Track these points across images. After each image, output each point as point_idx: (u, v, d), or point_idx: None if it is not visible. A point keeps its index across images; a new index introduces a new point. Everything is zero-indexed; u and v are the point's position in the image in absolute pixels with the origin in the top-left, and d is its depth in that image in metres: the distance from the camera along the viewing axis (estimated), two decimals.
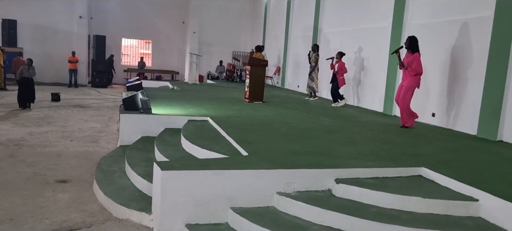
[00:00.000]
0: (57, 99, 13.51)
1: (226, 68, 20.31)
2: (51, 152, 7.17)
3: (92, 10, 20.33)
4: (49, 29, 19.29)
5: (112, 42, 20.63)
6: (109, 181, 5.27)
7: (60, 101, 13.44)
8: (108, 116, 11.40)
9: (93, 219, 4.44)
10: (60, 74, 19.10)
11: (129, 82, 11.46)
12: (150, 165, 5.33)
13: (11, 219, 4.27)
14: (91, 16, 20.31)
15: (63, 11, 19.30)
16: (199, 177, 4.01)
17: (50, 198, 4.95)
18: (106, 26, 20.63)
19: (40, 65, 19.13)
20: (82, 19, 19.60)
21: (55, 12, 19.22)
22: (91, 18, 20.32)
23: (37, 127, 9.17)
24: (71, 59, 18.61)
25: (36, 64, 18.93)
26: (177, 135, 6.53)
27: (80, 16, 19.52)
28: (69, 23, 19.48)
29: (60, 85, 18.41)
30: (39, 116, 10.68)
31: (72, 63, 18.61)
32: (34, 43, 19.01)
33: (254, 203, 4.13)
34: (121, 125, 7.21)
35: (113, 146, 7.83)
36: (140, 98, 7.34)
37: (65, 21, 19.42)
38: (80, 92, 17.03)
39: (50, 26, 19.28)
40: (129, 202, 4.61)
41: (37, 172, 5.95)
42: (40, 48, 19.08)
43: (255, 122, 7.33)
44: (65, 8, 19.28)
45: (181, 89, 12.96)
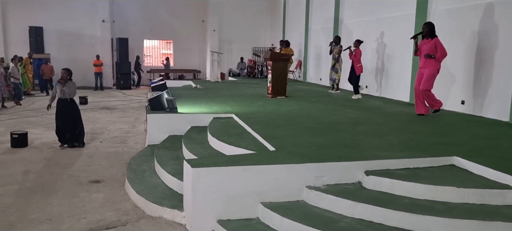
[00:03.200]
0: (85, 102, 13.85)
1: (247, 64, 20.36)
2: (83, 153, 7.36)
3: (114, 13, 20.68)
4: (74, 34, 19.74)
5: (135, 44, 20.94)
6: (140, 180, 5.38)
7: (88, 104, 13.77)
8: (134, 117, 11.61)
9: (127, 217, 4.55)
10: (86, 77, 19.52)
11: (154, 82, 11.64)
12: (179, 163, 5.43)
13: (50, 220, 4.43)
14: (113, 19, 20.66)
15: (87, 16, 19.72)
16: (229, 173, 4.06)
17: (85, 198, 5.10)
18: (128, 29, 20.96)
19: None
20: (105, 23, 19.98)
21: (79, 17, 19.65)
22: (113, 21, 20.67)
23: None
24: (96, 62, 19.01)
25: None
26: (203, 133, 6.61)
27: (103, 20, 19.89)
28: (93, 28, 19.89)
29: (86, 88, 18.84)
30: None
31: (97, 66, 19.02)
32: (60, 48, 19.49)
33: (284, 197, 4.15)
34: (148, 125, 7.34)
35: (141, 145, 7.98)
36: (166, 98, 7.45)
37: (88, 26, 19.84)
38: (106, 94, 17.39)
39: (74, 31, 19.73)
40: (161, 199, 4.70)
41: (71, 173, 6.13)
42: (66, 53, 19.54)
43: (280, 117, 7.35)
44: (88, 13, 19.68)
45: (204, 87, 13.08)
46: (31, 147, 7.77)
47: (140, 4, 21.12)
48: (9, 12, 19.05)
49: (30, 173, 6.14)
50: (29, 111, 12.23)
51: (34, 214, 4.56)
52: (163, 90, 8.98)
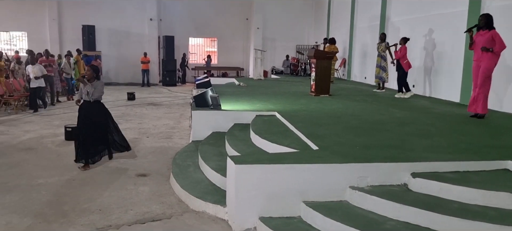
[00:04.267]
0: (132, 98, 14.35)
1: (290, 62, 20.29)
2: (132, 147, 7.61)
3: (161, 12, 21.25)
4: (123, 32, 20.51)
5: (180, 42, 21.44)
6: (185, 175, 5.51)
7: (135, 100, 14.25)
8: (179, 113, 11.89)
9: (172, 210, 4.68)
10: (134, 74, 20.24)
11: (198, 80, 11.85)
12: (222, 160, 5.51)
13: (100, 210, 4.63)
14: (160, 18, 21.24)
15: (135, 14, 20.41)
16: (272, 171, 4.07)
17: (133, 191, 5.29)
18: (174, 27, 21.48)
19: (116, 67, 20.55)
20: (152, 21, 20.59)
21: (128, 16, 20.39)
22: (160, 20, 21.26)
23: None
24: (143, 60, 19.65)
25: (113, 67, 20.62)
26: (246, 130, 6.66)
27: (150, 18, 20.51)
28: (141, 26, 20.56)
29: (134, 85, 19.52)
30: (117, 114, 11.39)
31: (144, 63, 19.66)
32: (111, 46, 20.32)
33: (327, 197, 4.11)
34: (193, 121, 7.49)
35: (185, 141, 8.16)
36: (210, 95, 7.57)
37: (137, 24, 20.53)
38: (152, 91, 17.93)
39: (124, 29, 20.49)
40: (205, 195, 4.79)
41: (119, 166, 6.38)
42: (115, 51, 20.39)
43: (323, 116, 7.27)
44: (137, 12, 20.37)
45: (247, 85, 13.17)
46: None
47: (186, 3, 21.57)
48: (65, 12, 20.07)
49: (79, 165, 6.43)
50: None
51: (86, 204, 4.79)
52: (208, 87, 9.14)
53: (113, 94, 15.94)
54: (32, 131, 8.93)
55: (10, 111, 11.28)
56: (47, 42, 19.41)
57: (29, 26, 20.06)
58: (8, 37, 21.19)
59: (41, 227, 4.20)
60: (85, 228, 4.18)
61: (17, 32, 20.92)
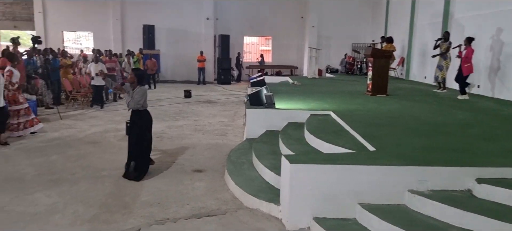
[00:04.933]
0: (189, 95, 14.76)
1: (346, 61, 19.91)
2: (187, 143, 7.86)
3: (217, 11, 21.66)
4: (181, 31, 21.15)
5: (235, 41, 21.73)
6: (239, 172, 5.58)
7: (191, 98, 14.64)
8: (233, 111, 12.06)
9: (227, 207, 4.76)
10: (190, 72, 20.81)
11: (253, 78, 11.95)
12: (276, 158, 5.52)
13: (159, 203, 4.82)
14: (216, 17, 21.65)
15: (193, 14, 20.96)
16: (327, 171, 4.02)
17: (189, 186, 5.44)
18: (230, 26, 21.80)
19: (173, 65, 21.23)
20: (209, 20, 21.05)
21: (185, 15, 20.99)
22: (216, 19, 21.67)
23: (174, 121, 10.15)
24: (200, 58, 20.14)
25: (170, 65, 21.37)
26: (300, 129, 6.63)
27: (207, 17, 20.98)
28: (198, 25, 21.10)
29: (190, 82, 20.07)
30: (175, 111, 11.80)
31: (200, 62, 20.14)
32: (169, 45, 21.04)
33: (384, 200, 4.00)
34: (247, 119, 7.57)
35: (239, 139, 8.26)
36: (265, 94, 7.61)
37: (194, 23, 21.09)
38: (207, 89, 18.33)
39: (181, 28, 21.12)
40: (258, 192, 4.83)
41: (176, 161, 6.59)
42: (173, 49, 21.09)
43: (380, 116, 7.07)
44: (194, 11, 20.91)
45: (301, 83, 13.10)
46: None
47: (242, 2, 21.82)
48: (127, 12, 21.04)
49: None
50: None
51: (145, 197, 5.00)
52: (262, 86, 9.19)
53: (170, 92, 16.50)
54: (96, 125, 9.45)
55: (77, 107, 12.00)
56: (111, 41, 20.46)
57: (94, 26, 21.24)
58: (75, 36, 22.59)
59: (105, 216, 4.43)
60: (144, 220, 4.37)
61: (83, 32, 22.24)
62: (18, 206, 4.67)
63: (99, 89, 12.07)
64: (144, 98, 5.74)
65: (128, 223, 4.29)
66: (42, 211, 4.54)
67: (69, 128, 9.10)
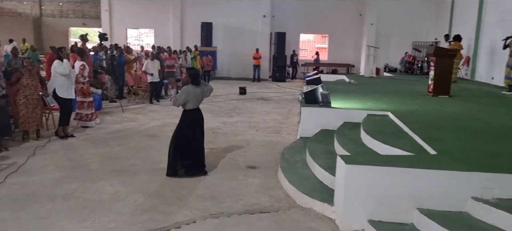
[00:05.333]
0: (243, 92, 14.93)
1: (405, 60, 19.16)
2: (241, 140, 7.96)
3: (274, 8, 21.69)
4: (237, 29, 21.43)
5: (291, 38, 21.66)
6: (293, 170, 5.57)
7: (246, 95, 14.80)
8: (287, 109, 12.04)
9: (280, 204, 4.77)
10: (246, 69, 21.03)
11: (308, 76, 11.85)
12: (330, 158, 5.45)
13: (213, 197, 4.93)
14: (273, 14, 21.70)
15: (250, 12, 21.16)
16: (384, 174, 3.91)
17: (243, 182, 5.52)
18: (286, 23, 21.76)
19: (229, 62, 21.56)
20: (265, 18, 21.15)
21: (242, 13, 21.22)
22: (273, 16, 21.71)
23: (229, 117, 10.32)
24: (255, 55, 20.29)
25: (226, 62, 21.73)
26: (356, 129, 6.48)
27: (264, 15, 21.08)
28: (254, 23, 21.26)
29: (245, 79, 20.29)
30: (230, 107, 11.99)
31: (256, 59, 20.30)
32: (226, 42, 21.39)
33: (444, 206, 3.82)
34: (301, 117, 7.53)
35: (293, 137, 8.24)
36: (321, 92, 7.52)
37: (250, 21, 21.28)
38: (262, 86, 18.44)
39: (238, 26, 21.40)
40: (312, 192, 4.79)
41: (231, 157, 6.70)
42: (230, 46, 21.42)
43: (442, 118, 6.74)
44: (251, 9, 21.09)
45: (358, 82, 12.80)
46: None
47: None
48: (187, 10, 21.65)
49: None
50: None
51: (200, 191, 5.13)
52: (318, 84, 9.09)
53: (225, 88, 16.78)
54: (155, 119, 9.82)
55: (137, 101, 12.55)
56: (170, 39, 21.16)
57: (155, 23, 22.07)
58: (137, 33, 23.62)
59: (162, 207, 4.60)
60: (199, 213, 4.48)
61: (145, 29, 23.20)
62: (84, 193, 4.98)
63: (157, 85, 12.52)
64: (184, 97, 5.59)
65: (184, 215, 4.42)
66: (106, 199, 4.80)
67: (130, 121, 9.54)
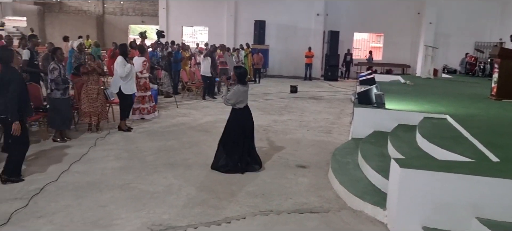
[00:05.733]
0: (295, 91, 14.88)
1: (466, 61, 18.21)
2: (291, 138, 7.95)
3: (328, 7, 21.40)
4: (290, 27, 21.37)
5: (345, 37, 21.26)
6: (344, 171, 5.48)
7: (297, 93, 14.74)
8: (339, 108, 11.86)
9: (330, 205, 4.72)
10: (297, 68, 20.94)
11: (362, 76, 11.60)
12: (383, 160, 5.32)
13: (263, 195, 4.97)
14: (327, 13, 21.42)
15: (303, 10, 21.01)
16: (441, 179, 3.75)
17: (292, 180, 5.51)
18: (340, 22, 21.40)
19: (281, 60, 21.55)
20: (319, 16, 20.93)
21: (296, 11, 21.13)
22: (327, 15, 21.43)
23: (279, 115, 10.33)
24: (307, 54, 20.15)
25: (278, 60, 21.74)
26: (411, 132, 6.27)
27: (317, 13, 20.87)
28: (307, 21, 21.10)
29: (297, 78, 20.21)
30: (280, 105, 12.00)
31: (308, 58, 20.16)
32: (278, 40, 21.40)
33: (507, 217, 3.62)
34: (354, 118, 7.39)
35: (344, 137, 8.11)
36: (375, 93, 7.34)
37: (304, 19, 21.13)
38: (313, 85, 18.28)
39: (291, 24, 21.33)
40: (363, 194, 4.70)
41: (281, 155, 6.71)
42: (282, 45, 21.41)
43: (506, 123, 6.37)
44: (305, 8, 20.94)
45: (414, 83, 12.35)
46: None
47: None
48: (241, 8, 21.89)
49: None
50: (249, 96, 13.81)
51: (251, 188, 5.19)
52: (372, 84, 8.87)
53: (276, 87, 16.81)
54: (208, 115, 10.04)
55: (191, 97, 12.88)
56: (224, 36, 21.51)
57: (210, 21, 22.52)
58: (191, 31, 24.23)
59: (214, 202, 4.71)
60: (249, 209, 4.54)
61: (199, 27, 23.75)
62: (140, 184, 5.20)
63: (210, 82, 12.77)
64: (236, 99, 5.68)
65: (234, 210, 4.50)
66: (160, 191, 4.98)
67: (184, 116, 9.82)
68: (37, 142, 6.92)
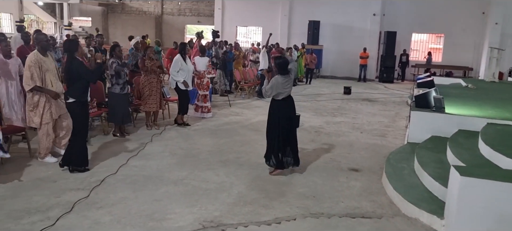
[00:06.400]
0: (348, 92, 14.60)
1: None
2: (344, 141, 7.81)
3: (385, 6, 20.78)
4: (345, 27, 20.97)
5: (402, 38, 20.55)
6: (398, 177, 5.30)
7: (351, 95, 14.45)
8: (394, 111, 11.48)
9: (383, 211, 4.59)
10: (351, 69, 20.52)
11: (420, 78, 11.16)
12: (441, 167, 5.10)
13: (314, 197, 4.92)
14: (383, 13, 20.81)
15: (359, 10, 20.54)
16: (506, 190, 3.54)
17: (344, 184, 5.42)
18: (397, 22, 20.69)
19: (335, 61, 21.22)
20: (375, 16, 20.37)
21: (351, 11, 20.69)
22: (383, 15, 20.82)
23: (332, 117, 10.19)
24: (362, 55, 19.69)
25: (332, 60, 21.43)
26: (473, 138, 5.94)
27: (373, 13, 20.33)
28: (363, 21, 20.60)
29: (350, 79, 19.81)
30: (333, 106, 11.82)
31: (363, 59, 19.70)
32: (332, 40, 21.07)
33: None
34: (411, 122, 7.13)
35: (400, 141, 7.85)
36: (434, 96, 7.04)
37: (359, 19, 20.65)
38: (368, 86, 17.83)
39: (346, 24, 20.92)
40: (419, 201, 4.52)
41: (333, 158, 6.61)
42: (336, 45, 21.06)
43: None
44: (361, 7, 20.45)
45: (476, 87, 11.70)
46: (301, 128, 8.73)
47: None
48: (295, 8, 21.81)
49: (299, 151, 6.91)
50: (301, 96, 13.77)
51: (301, 189, 5.16)
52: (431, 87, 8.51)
53: (329, 87, 16.59)
54: (260, 114, 10.08)
55: (243, 96, 13.02)
56: (278, 36, 21.47)
57: (264, 21, 22.61)
58: (245, 31, 24.48)
59: (264, 201, 4.73)
60: (300, 210, 4.52)
61: (253, 27, 23.94)
62: (193, 180, 5.33)
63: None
64: (274, 90, 5.43)
65: (285, 211, 4.49)
66: (212, 188, 5.09)
67: (236, 115, 9.95)
68: (99, 136, 7.30)
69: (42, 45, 5.54)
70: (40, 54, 5.45)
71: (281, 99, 5.53)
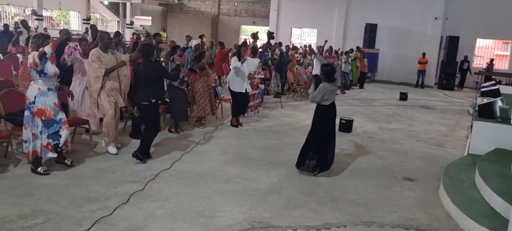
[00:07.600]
0: (404, 98, 14.10)
1: None
2: (398, 148, 7.55)
3: (448, 10, 19.83)
4: (403, 31, 20.22)
5: (465, 43, 19.50)
6: (457, 190, 5.05)
7: (407, 101, 13.94)
8: (454, 120, 10.94)
9: (439, 224, 4.39)
10: (408, 74, 19.77)
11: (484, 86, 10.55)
12: (505, 182, 4.82)
13: (365, 204, 4.80)
14: (446, 17, 19.86)
15: (419, 13, 19.73)
16: None
17: (398, 193, 5.24)
18: (461, 26, 19.64)
19: (391, 65, 20.56)
20: (437, 20, 19.48)
21: (411, 14, 19.90)
22: (446, 18, 19.87)
23: (386, 123, 9.88)
24: (421, 60, 18.92)
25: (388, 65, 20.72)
26: None
27: (435, 17, 19.45)
28: (424, 25, 19.77)
29: (407, 85, 19.11)
30: (388, 112, 11.47)
31: (421, 64, 18.93)
32: (389, 44, 20.38)
33: None
34: (472, 132, 6.76)
35: (459, 152, 7.47)
36: (499, 106, 6.63)
37: (419, 23, 19.84)
38: (426, 93, 17.12)
39: (405, 28, 20.17)
40: (480, 217, 4.28)
41: (386, 165, 6.41)
42: (393, 49, 20.34)
43: None
44: (422, 10, 19.65)
45: None
46: (354, 133, 8.56)
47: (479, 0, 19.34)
48: (352, 11, 21.37)
49: (351, 156, 6.79)
50: (355, 100, 13.49)
51: (353, 195, 5.06)
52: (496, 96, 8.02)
53: (385, 93, 16.11)
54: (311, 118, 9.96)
55: (295, 98, 12.96)
56: (333, 39, 21.17)
57: (319, 23, 22.37)
58: (300, 32, 24.37)
59: (314, 206, 4.68)
60: (350, 218, 4.42)
61: (308, 28, 23.77)
62: (244, 180, 5.39)
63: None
64: (322, 96, 5.58)
65: (335, 217, 4.42)
66: (262, 189, 5.11)
67: (288, 117, 9.92)
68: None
69: (104, 42, 5.98)
70: (100, 50, 5.98)
71: (327, 104, 5.68)
